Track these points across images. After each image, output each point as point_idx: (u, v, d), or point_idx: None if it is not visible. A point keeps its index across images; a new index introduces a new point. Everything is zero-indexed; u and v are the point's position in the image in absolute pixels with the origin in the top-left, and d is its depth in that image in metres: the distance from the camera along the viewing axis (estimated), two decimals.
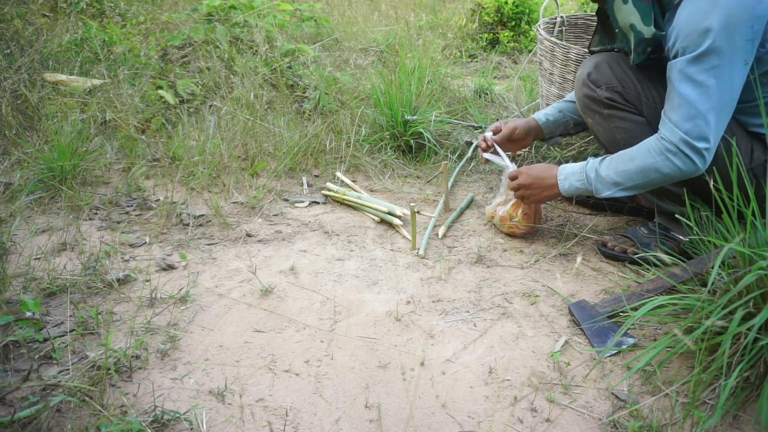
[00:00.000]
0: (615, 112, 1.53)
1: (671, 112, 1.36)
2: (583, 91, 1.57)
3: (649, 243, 1.58)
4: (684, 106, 1.33)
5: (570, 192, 1.56)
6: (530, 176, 1.62)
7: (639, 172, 1.42)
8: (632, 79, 1.51)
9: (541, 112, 1.83)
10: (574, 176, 1.54)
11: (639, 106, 1.52)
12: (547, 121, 1.80)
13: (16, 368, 1.15)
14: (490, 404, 1.12)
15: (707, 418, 1.02)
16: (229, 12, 2.93)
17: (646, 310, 1.13)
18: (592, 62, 1.57)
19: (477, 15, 4.08)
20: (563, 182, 1.56)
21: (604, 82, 1.53)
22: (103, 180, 2.05)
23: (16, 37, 2.67)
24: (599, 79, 1.54)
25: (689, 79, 1.31)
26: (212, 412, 1.09)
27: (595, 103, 1.55)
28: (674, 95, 1.35)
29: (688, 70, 1.31)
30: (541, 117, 1.81)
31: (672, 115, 1.36)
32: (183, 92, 2.51)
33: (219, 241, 1.72)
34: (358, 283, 1.53)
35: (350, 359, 1.24)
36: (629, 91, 1.51)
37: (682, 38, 1.30)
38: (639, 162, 1.42)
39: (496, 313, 1.40)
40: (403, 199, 2.02)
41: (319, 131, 2.28)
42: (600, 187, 1.49)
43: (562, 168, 1.57)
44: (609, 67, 1.54)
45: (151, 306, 1.40)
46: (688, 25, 1.29)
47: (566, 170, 1.56)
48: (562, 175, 1.56)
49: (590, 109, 1.57)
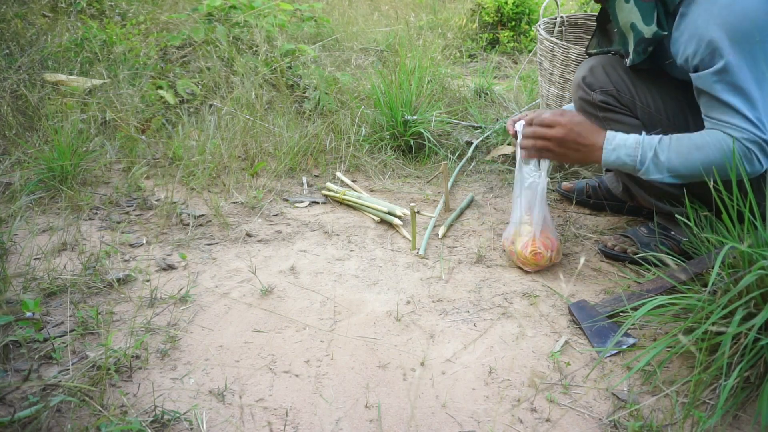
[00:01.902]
0: (610, 114, 1.52)
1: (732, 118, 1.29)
2: (579, 94, 1.57)
3: (649, 243, 1.58)
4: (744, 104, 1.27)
5: (612, 164, 1.42)
6: (572, 130, 1.46)
7: (702, 163, 1.31)
8: (627, 82, 1.51)
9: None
10: (625, 149, 1.39)
11: (633, 109, 1.52)
12: None
13: (16, 368, 1.15)
14: (490, 404, 1.12)
15: (707, 418, 1.02)
16: (230, 12, 2.93)
17: (646, 310, 1.13)
18: (587, 66, 1.57)
19: (477, 15, 4.08)
20: (611, 153, 1.41)
21: (598, 85, 1.53)
22: (103, 180, 2.05)
23: (16, 37, 2.67)
24: (594, 82, 1.53)
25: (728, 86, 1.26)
26: (212, 412, 1.09)
27: (591, 106, 1.55)
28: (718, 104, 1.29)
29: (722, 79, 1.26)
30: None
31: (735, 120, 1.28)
32: (183, 92, 2.51)
33: (219, 241, 1.72)
34: (358, 283, 1.53)
35: (350, 359, 1.24)
36: (624, 94, 1.51)
37: (692, 55, 1.28)
38: (706, 154, 1.32)
39: (496, 313, 1.40)
40: (403, 199, 2.02)
41: (319, 131, 2.28)
42: (651, 168, 1.37)
43: (613, 135, 1.42)
44: (604, 71, 1.53)
45: (151, 306, 1.40)
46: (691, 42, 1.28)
47: (617, 139, 1.41)
48: (611, 145, 1.41)
49: (586, 112, 1.56)
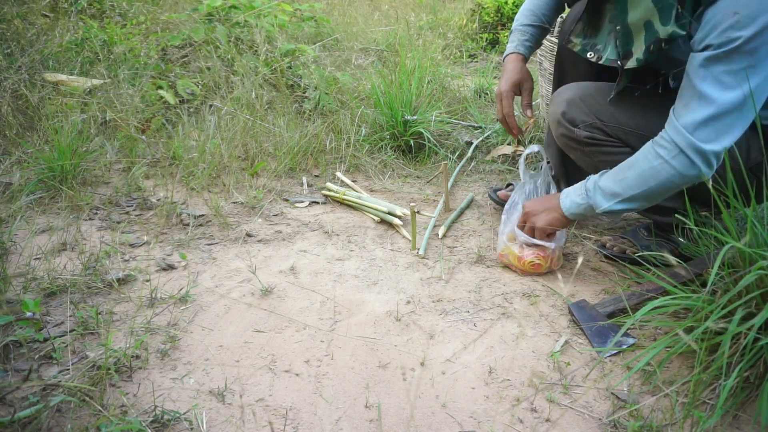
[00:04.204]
0: (596, 148, 1.47)
1: (685, 111, 1.23)
2: (560, 131, 1.51)
3: (648, 246, 1.58)
4: (702, 107, 1.20)
5: (572, 210, 1.44)
6: (535, 203, 1.54)
7: (636, 179, 1.31)
8: (609, 110, 1.44)
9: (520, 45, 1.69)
10: (574, 192, 1.44)
11: (623, 137, 1.45)
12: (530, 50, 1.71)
13: (16, 368, 1.15)
14: (490, 404, 1.12)
15: (707, 418, 1.02)
16: (230, 12, 2.93)
17: (646, 310, 1.13)
18: (563, 99, 1.49)
19: (477, 15, 4.08)
20: (564, 200, 1.45)
21: (581, 120, 1.46)
22: (103, 180, 2.05)
23: (16, 37, 2.67)
24: (575, 117, 1.47)
25: (714, 79, 1.18)
26: (212, 412, 1.09)
27: (575, 142, 1.49)
28: (690, 91, 1.22)
29: (715, 68, 1.17)
30: (523, 50, 1.68)
31: (685, 114, 1.23)
32: (183, 92, 2.51)
33: (219, 241, 1.72)
34: (358, 283, 1.53)
35: (350, 359, 1.24)
36: (609, 123, 1.44)
37: (716, 33, 1.15)
38: (637, 168, 1.31)
39: (496, 313, 1.40)
40: (403, 199, 2.02)
41: (319, 131, 2.28)
42: (599, 199, 1.38)
43: (565, 190, 1.48)
44: (583, 102, 1.46)
45: (151, 306, 1.40)
46: (726, 19, 1.14)
47: (568, 190, 1.47)
48: (564, 194, 1.47)
49: (570, 147, 1.52)
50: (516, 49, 1.68)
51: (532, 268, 1.54)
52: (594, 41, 1.42)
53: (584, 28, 1.45)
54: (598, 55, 1.42)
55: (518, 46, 1.68)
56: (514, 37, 1.71)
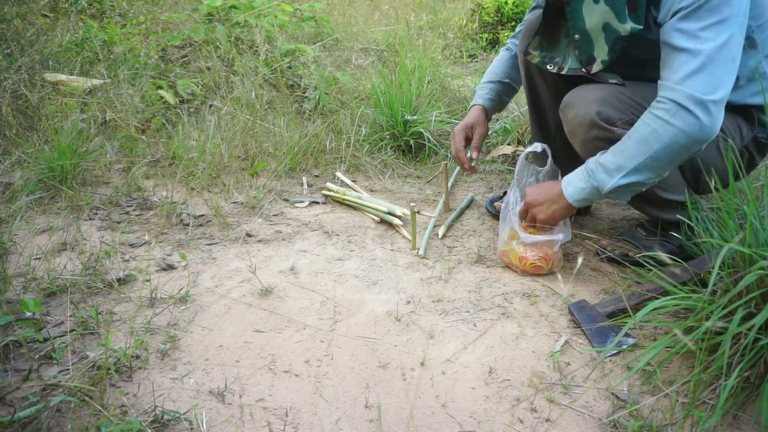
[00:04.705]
0: None
1: (672, 72, 1.25)
2: (594, 134, 1.41)
3: (650, 246, 1.56)
4: (685, 62, 1.22)
5: (576, 196, 1.42)
6: (536, 192, 1.51)
7: (638, 146, 1.28)
8: (636, 100, 1.40)
9: (479, 98, 1.82)
10: (576, 178, 1.42)
11: None
12: (491, 102, 1.82)
13: (16, 368, 1.15)
14: (490, 404, 1.12)
15: (707, 418, 1.02)
16: (230, 12, 2.93)
17: (647, 311, 1.13)
18: (590, 99, 1.41)
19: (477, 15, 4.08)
20: (567, 188, 1.43)
21: (618, 117, 1.38)
22: (103, 180, 2.05)
23: (16, 37, 2.67)
24: (613, 115, 1.38)
25: (689, 35, 1.22)
26: (212, 412, 1.09)
27: (610, 144, 1.39)
28: (672, 55, 1.25)
29: (687, 26, 1.22)
30: (482, 102, 1.81)
31: (673, 74, 1.24)
32: (183, 92, 2.51)
33: (219, 241, 1.72)
34: (358, 283, 1.52)
35: (350, 359, 1.24)
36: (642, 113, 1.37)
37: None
38: (637, 135, 1.28)
39: (496, 313, 1.40)
40: (403, 199, 2.02)
41: (319, 131, 2.28)
42: (603, 177, 1.34)
43: (565, 177, 1.47)
44: (616, 98, 1.39)
45: (151, 306, 1.40)
46: None
47: (569, 177, 1.45)
48: (565, 182, 1.45)
49: (600, 149, 1.40)
50: (476, 101, 1.82)
51: (533, 269, 1.54)
52: (552, 54, 1.49)
53: (541, 41, 1.51)
54: (558, 66, 1.47)
55: (478, 98, 1.83)
56: (476, 94, 1.85)
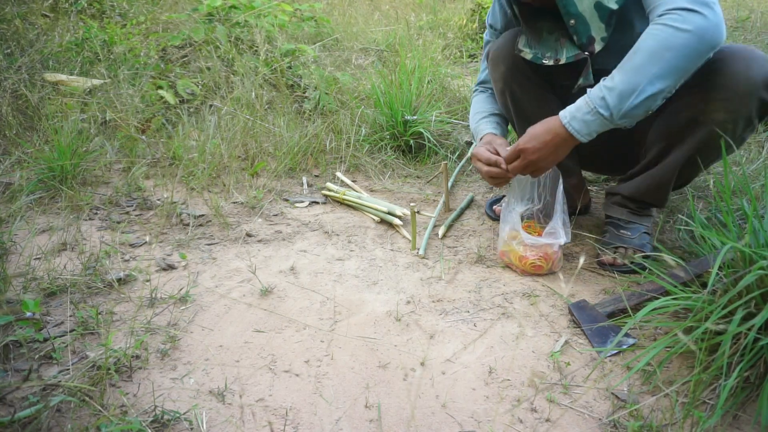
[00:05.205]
0: None
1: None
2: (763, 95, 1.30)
3: (643, 245, 1.56)
4: None
5: (584, 131, 1.30)
6: (534, 142, 1.36)
7: (650, 58, 1.21)
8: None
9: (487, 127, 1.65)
10: (579, 112, 1.30)
11: None
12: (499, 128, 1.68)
13: (16, 368, 1.15)
14: (490, 404, 1.12)
15: (707, 418, 1.02)
16: (230, 12, 2.93)
17: (647, 311, 1.13)
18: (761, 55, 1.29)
19: (477, 15, 4.08)
20: (572, 124, 1.30)
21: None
22: (103, 180, 2.05)
23: (16, 37, 2.67)
24: None
25: None
26: (212, 412, 1.09)
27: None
28: None
29: None
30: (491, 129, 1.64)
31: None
32: (183, 92, 2.51)
33: (219, 241, 1.72)
34: (358, 283, 1.52)
35: (350, 359, 1.24)
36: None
37: None
38: (646, 49, 1.22)
39: (496, 313, 1.40)
40: (403, 199, 2.02)
41: (319, 131, 2.28)
42: (617, 102, 1.24)
43: (562, 113, 1.33)
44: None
45: (151, 306, 1.40)
46: None
47: (568, 112, 1.32)
48: (566, 118, 1.31)
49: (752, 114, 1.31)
50: (485, 131, 1.63)
51: (533, 269, 1.54)
52: (542, 50, 1.48)
53: (528, 40, 1.51)
54: (555, 59, 1.46)
55: (482, 131, 1.64)
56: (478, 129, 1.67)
